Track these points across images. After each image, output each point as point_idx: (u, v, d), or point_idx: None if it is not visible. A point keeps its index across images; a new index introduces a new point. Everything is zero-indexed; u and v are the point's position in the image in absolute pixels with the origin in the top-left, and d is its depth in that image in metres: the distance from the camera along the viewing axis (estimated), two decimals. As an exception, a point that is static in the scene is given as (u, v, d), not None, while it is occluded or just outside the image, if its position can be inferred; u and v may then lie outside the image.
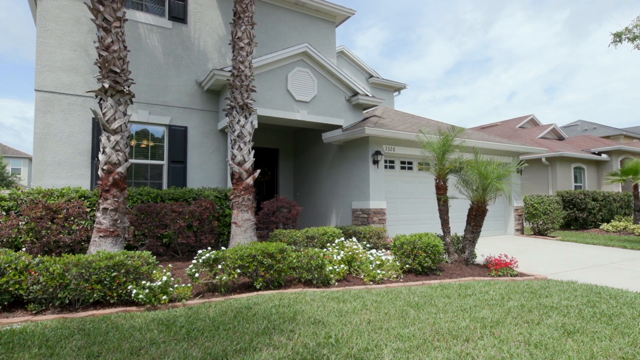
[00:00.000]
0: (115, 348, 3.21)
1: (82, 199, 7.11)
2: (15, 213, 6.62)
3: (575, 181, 18.50)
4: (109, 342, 3.35)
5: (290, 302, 4.55)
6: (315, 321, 3.88)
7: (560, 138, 21.46)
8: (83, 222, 6.68)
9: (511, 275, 6.15)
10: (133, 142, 8.87)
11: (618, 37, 11.42)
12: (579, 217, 14.17)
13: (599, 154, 19.18)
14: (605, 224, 14.06)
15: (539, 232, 12.32)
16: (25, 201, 6.68)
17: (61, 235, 6.31)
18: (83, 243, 6.57)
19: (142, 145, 9.04)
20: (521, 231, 12.58)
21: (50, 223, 6.28)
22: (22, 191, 6.88)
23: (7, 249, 4.75)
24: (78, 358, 3.05)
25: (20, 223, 6.37)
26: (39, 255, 5.32)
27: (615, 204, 15.18)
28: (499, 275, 6.15)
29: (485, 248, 8.79)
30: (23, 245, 6.37)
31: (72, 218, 6.52)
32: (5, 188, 7.40)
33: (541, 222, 12.10)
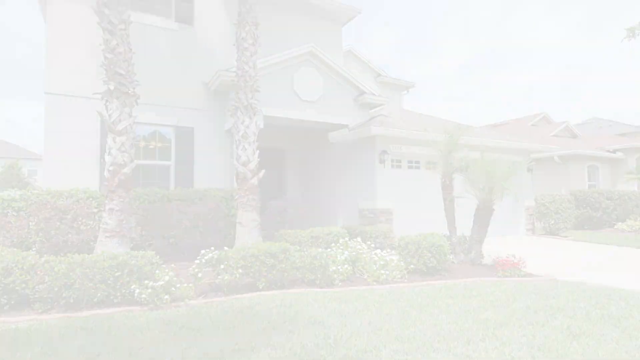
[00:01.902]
0: (115, 347, 3.24)
1: (90, 199, 7.21)
2: (25, 213, 6.75)
3: (589, 180, 18.09)
4: (109, 341, 3.38)
5: (292, 303, 4.53)
6: (316, 322, 3.86)
7: (574, 136, 21.02)
8: (91, 223, 6.77)
9: (519, 276, 6.03)
10: (142, 144, 8.96)
11: (632, 32, 11.11)
12: (592, 216, 13.84)
13: (614, 151, 18.73)
14: (620, 223, 13.71)
15: (551, 232, 12.08)
16: (35, 202, 6.80)
17: (69, 235, 6.41)
18: (91, 243, 6.66)
19: (150, 146, 9.13)
20: (532, 231, 12.35)
21: (59, 223, 6.39)
22: (31, 192, 7.01)
23: (15, 249, 4.84)
24: (78, 357, 3.08)
25: (30, 223, 6.49)
26: (44, 255, 5.40)
27: (631, 202, 14.80)
28: (506, 276, 6.04)
29: (494, 248, 8.63)
30: (34, 246, 6.49)
31: (80, 218, 6.62)
32: (17, 189, 7.57)
33: (553, 222, 11.87)
